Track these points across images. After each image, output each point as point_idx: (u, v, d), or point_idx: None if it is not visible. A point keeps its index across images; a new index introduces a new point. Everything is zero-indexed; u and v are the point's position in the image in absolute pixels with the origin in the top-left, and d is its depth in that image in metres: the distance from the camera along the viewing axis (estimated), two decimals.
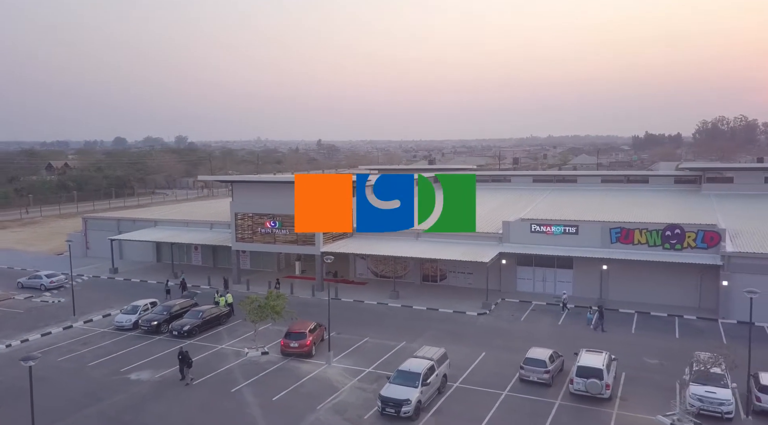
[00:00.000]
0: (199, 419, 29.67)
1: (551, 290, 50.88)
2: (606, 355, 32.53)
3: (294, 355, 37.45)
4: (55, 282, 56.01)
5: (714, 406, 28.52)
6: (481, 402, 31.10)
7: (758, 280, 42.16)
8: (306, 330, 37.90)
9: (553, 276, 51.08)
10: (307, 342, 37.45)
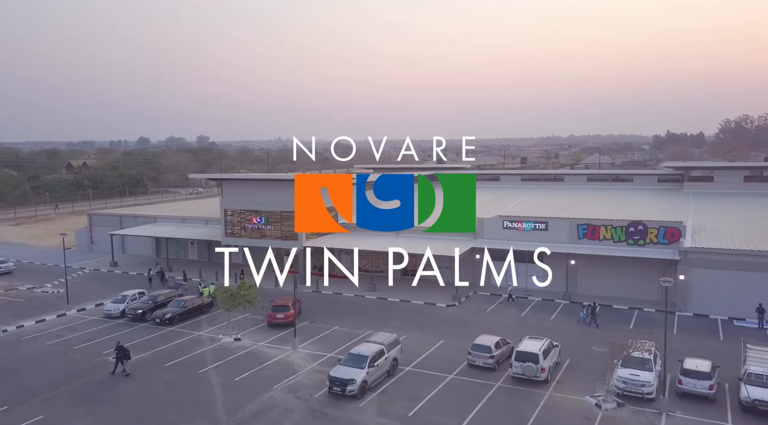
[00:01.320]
0: (164, 395, 32.41)
1: (523, 283, 52.83)
2: (546, 342, 34.65)
3: (280, 325, 42.16)
4: (2, 268, 61.24)
5: (636, 387, 30.60)
6: (427, 384, 33.42)
7: (713, 274, 44.14)
8: (289, 304, 43.05)
9: (524, 270, 53.01)
10: (291, 313, 42.54)
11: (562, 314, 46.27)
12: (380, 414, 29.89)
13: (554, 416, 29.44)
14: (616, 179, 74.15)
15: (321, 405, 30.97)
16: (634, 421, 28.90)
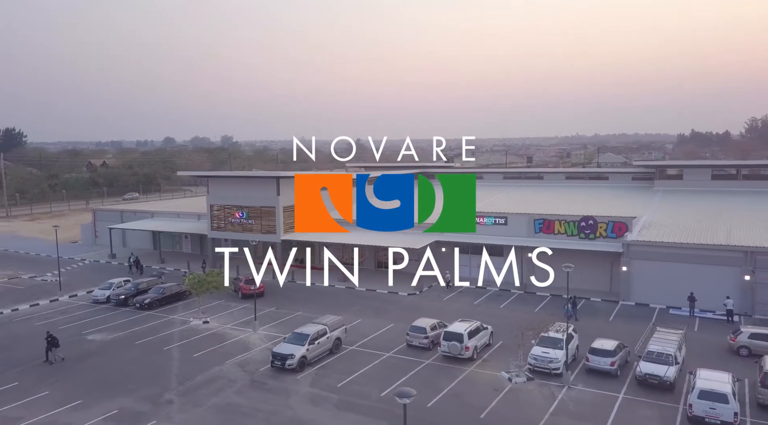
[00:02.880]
0: (127, 368, 36.39)
1: (487, 275, 55.98)
2: (475, 324, 37.93)
3: (253, 295, 46.72)
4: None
5: (545, 363, 33.86)
6: (364, 361, 36.95)
7: (653, 266, 47.06)
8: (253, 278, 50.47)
9: (487, 262, 56.13)
10: (261, 285, 50.32)
11: (513, 303, 49.38)
12: (312, 385, 33.51)
13: (467, 387, 32.80)
14: (593, 177, 76.68)
15: (262, 377, 34.68)
16: (537, 392, 32.13)
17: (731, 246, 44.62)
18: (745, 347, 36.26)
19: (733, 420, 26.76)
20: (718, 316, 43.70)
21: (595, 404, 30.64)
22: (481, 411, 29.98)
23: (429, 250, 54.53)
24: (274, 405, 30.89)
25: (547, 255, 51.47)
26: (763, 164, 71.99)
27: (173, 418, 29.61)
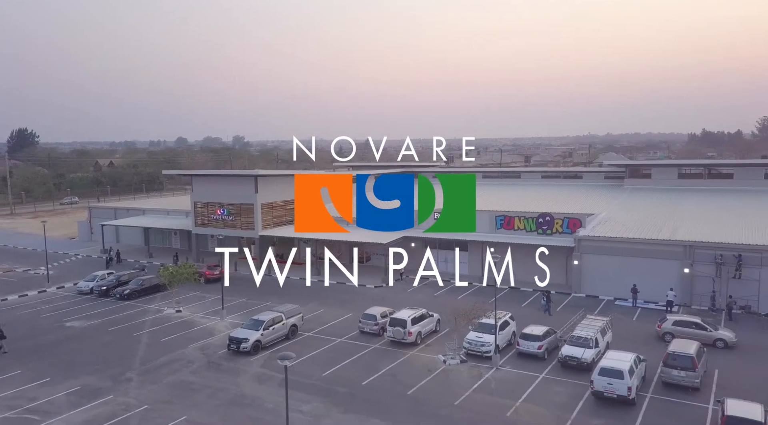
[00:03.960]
0: (98, 351, 39.58)
1: (452, 269, 58.76)
2: (420, 312, 40.76)
3: (215, 280, 53.41)
4: None
5: (477, 347, 36.68)
6: (316, 345, 39.94)
7: (603, 260, 49.76)
8: (217, 264, 54.48)
9: (453, 256, 58.95)
10: (221, 270, 52.86)
11: (471, 295, 52.07)
12: (263, 366, 36.54)
13: (403, 368, 35.71)
14: (568, 176, 79.12)
15: (219, 359, 37.77)
16: (466, 373, 34.98)
17: (672, 241, 47.15)
18: (670, 333, 38.77)
19: (627, 394, 29.46)
20: (659, 307, 46.21)
21: (515, 382, 33.44)
22: (409, 389, 32.85)
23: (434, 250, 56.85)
24: (223, 383, 33.94)
25: (545, 254, 53.25)
26: (726, 163, 74.18)
27: (129, 393, 32.73)
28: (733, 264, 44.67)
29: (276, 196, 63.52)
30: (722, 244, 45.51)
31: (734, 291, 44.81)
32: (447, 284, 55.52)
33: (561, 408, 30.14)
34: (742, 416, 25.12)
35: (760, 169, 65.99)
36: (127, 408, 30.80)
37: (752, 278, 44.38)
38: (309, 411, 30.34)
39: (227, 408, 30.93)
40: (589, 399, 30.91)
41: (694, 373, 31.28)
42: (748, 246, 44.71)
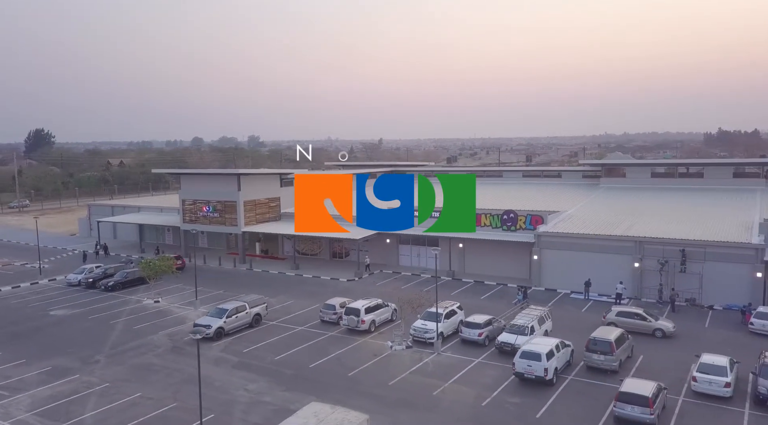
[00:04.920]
0: (75, 336, 42.66)
1: (424, 263, 61.33)
2: (375, 301, 43.42)
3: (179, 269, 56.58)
4: None
5: (422, 334, 39.25)
6: (277, 333, 42.73)
7: (560, 255, 52.08)
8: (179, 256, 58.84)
9: (425, 252, 61.53)
10: (183, 261, 58.17)
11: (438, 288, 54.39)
12: (223, 351, 39.41)
13: (351, 353, 38.39)
14: (548, 175, 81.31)
15: (183, 344, 40.70)
16: (408, 357, 37.58)
17: (624, 237, 49.40)
18: (613, 323, 41.01)
19: (544, 375, 31.92)
20: (610, 299, 48.47)
21: (451, 366, 36.00)
22: (351, 371, 35.54)
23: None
24: (181, 365, 36.85)
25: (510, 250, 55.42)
26: (697, 163, 75.95)
27: (94, 373, 35.75)
28: (679, 259, 46.79)
29: (259, 194, 66.41)
30: (668, 240, 47.70)
31: (680, 285, 46.92)
32: (416, 278, 58.03)
33: (485, 388, 32.66)
34: (632, 392, 27.54)
35: (729, 168, 67.85)
36: (89, 386, 33.77)
37: (696, 272, 46.44)
38: (253, 389, 33.12)
39: (180, 386, 33.82)
40: (514, 380, 33.37)
41: (612, 357, 33.66)
42: (691, 241, 46.81)
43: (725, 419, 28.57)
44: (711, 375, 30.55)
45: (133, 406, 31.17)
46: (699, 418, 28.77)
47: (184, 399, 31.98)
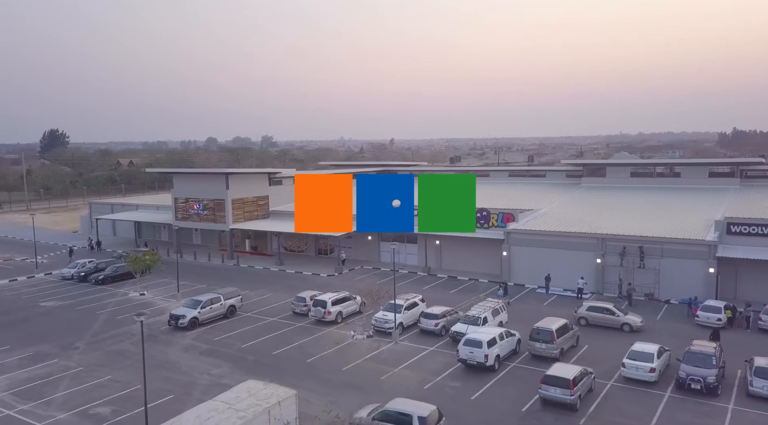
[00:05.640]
0: (60, 325, 45.37)
1: (404, 260, 63.56)
2: (342, 294, 45.74)
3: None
4: None
5: (382, 324, 41.53)
6: (249, 323, 45.16)
7: (528, 251, 54.11)
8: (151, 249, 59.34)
9: (404, 248, 63.72)
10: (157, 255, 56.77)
11: (411, 282, 56.71)
12: (195, 339, 41.91)
13: (314, 342, 40.74)
14: (533, 175, 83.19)
15: (159, 333, 43.27)
16: (366, 346, 39.87)
17: (586, 234, 51.38)
18: (584, 318, 42.77)
19: (484, 361, 34.07)
20: (572, 294, 50.43)
21: (405, 353, 38.24)
22: (310, 358, 37.91)
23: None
24: (153, 351, 39.33)
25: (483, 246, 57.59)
26: (674, 163, 77.53)
27: (72, 358, 38.39)
28: (638, 255, 48.70)
29: (247, 192, 68.95)
30: (628, 237, 49.62)
31: (639, 280, 48.79)
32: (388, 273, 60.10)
33: (431, 373, 34.89)
34: (555, 375, 29.67)
35: (705, 168, 69.43)
36: (64, 370, 36.42)
37: (654, 268, 48.32)
38: (216, 373, 35.58)
39: (148, 370, 36.02)
40: (460, 366, 35.55)
41: (553, 345, 35.75)
42: (650, 238, 48.71)
43: (645, 401, 30.56)
44: (638, 362, 32.55)
45: (100, 387, 33.71)
46: (621, 399, 30.81)
47: (150, 381, 34.29)
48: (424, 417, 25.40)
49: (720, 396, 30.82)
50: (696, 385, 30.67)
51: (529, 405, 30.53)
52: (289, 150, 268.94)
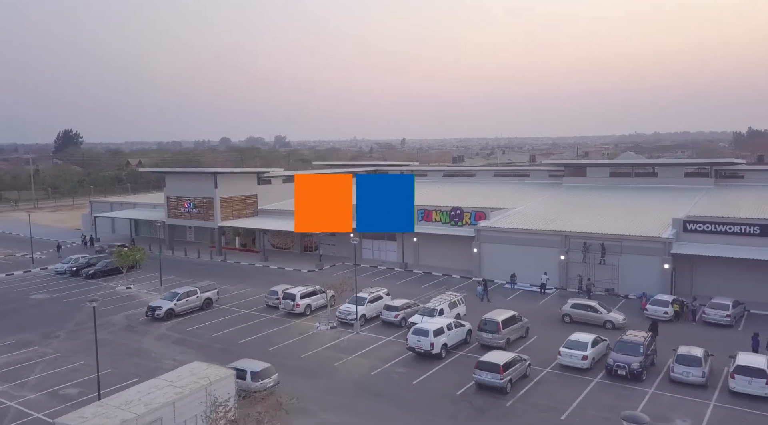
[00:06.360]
0: (47, 316, 48.08)
1: (384, 257, 65.88)
2: (311, 288, 48.10)
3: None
4: None
5: (345, 316, 43.88)
6: (223, 315, 47.64)
7: (496, 248, 56.23)
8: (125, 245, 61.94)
9: (384, 246, 66.09)
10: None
11: (387, 278, 58.99)
12: (170, 329, 44.46)
13: (280, 332, 43.13)
14: (517, 174, 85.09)
15: (137, 324, 45.88)
16: (329, 336, 42.21)
17: (551, 231, 53.40)
18: (568, 315, 44.06)
19: (430, 349, 36.28)
20: (536, 289, 52.47)
21: (362, 343, 40.54)
22: (273, 346, 40.30)
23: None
24: (129, 340, 41.99)
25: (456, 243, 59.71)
26: (651, 163, 79.17)
27: (51, 345, 41.10)
28: (599, 251, 50.66)
29: (236, 191, 71.57)
30: (590, 234, 51.57)
31: (600, 276, 50.75)
32: (373, 270, 62.59)
33: (381, 361, 37.17)
34: (487, 361, 31.87)
35: (680, 168, 71.04)
36: (42, 355, 39.11)
37: (614, 264, 50.27)
38: (181, 359, 37.91)
39: (121, 357, 38.95)
40: (411, 355, 37.78)
41: (499, 335, 37.90)
42: (610, 236, 50.67)
43: (574, 386, 32.68)
44: (572, 350, 34.67)
45: (73, 371, 36.34)
46: (552, 384, 32.95)
47: (118, 366, 37.06)
48: (255, 372, 31.30)
49: (645, 381, 32.77)
50: (622, 371, 32.71)
51: (465, 389, 32.69)
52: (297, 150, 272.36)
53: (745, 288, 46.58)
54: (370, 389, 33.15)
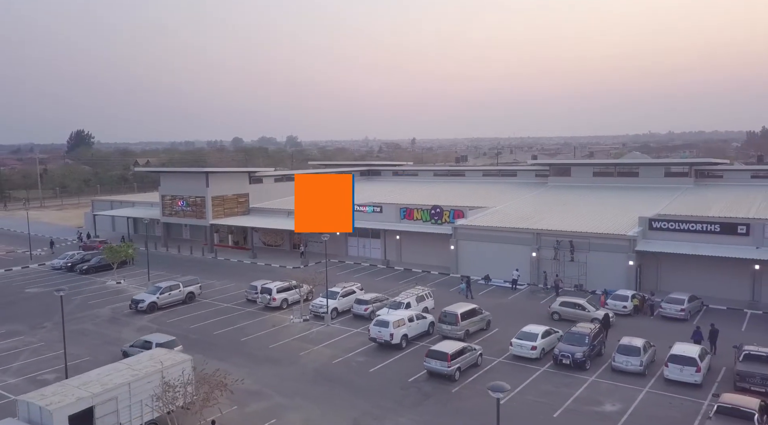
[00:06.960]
0: (38, 308, 50.52)
1: (369, 254, 67.86)
2: (287, 283, 50.16)
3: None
4: None
5: (317, 309, 45.91)
6: (204, 308, 49.84)
7: (473, 245, 58.03)
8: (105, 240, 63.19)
9: (369, 243, 68.09)
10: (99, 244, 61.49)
11: (370, 274, 60.94)
12: (151, 321, 46.67)
13: (255, 325, 45.22)
14: (504, 174, 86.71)
15: (122, 316, 48.18)
16: (300, 327, 44.28)
17: (523, 229, 55.15)
18: (556, 312, 45.12)
19: (390, 339, 38.21)
20: (508, 285, 54.23)
21: (331, 335, 42.54)
22: (245, 337, 42.39)
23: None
24: (110, 331, 44.28)
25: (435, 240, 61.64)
26: (633, 163, 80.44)
27: (36, 335, 43.47)
28: (569, 249, 52.36)
29: (227, 190, 73.82)
30: (560, 232, 53.27)
31: (569, 272, 52.44)
32: (357, 266, 64.58)
33: (344, 350, 39.14)
34: (437, 349, 33.80)
35: (661, 168, 72.41)
36: (27, 344, 41.47)
37: (581, 261, 51.96)
38: None
39: (100, 345, 41.21)
40: (374, 345, 39.72)
41: (457, 327, 39.75)
42: (579, 233, 52.36)
43: (520, 374, 34.47)
44: (523, 341, 36.48)
45: (54, 359, 38.57)
46: (500, 373, 34.73)
47: (97, 355, 39.28)
48: (160, 343, 35.01)
49: (588, 370, 34.52)
50: (566, 360, 34.50)
51: (417, 376, 34.58)
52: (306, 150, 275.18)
53: (706, 284, 48.15)
54: (327, 376, 35.13)
